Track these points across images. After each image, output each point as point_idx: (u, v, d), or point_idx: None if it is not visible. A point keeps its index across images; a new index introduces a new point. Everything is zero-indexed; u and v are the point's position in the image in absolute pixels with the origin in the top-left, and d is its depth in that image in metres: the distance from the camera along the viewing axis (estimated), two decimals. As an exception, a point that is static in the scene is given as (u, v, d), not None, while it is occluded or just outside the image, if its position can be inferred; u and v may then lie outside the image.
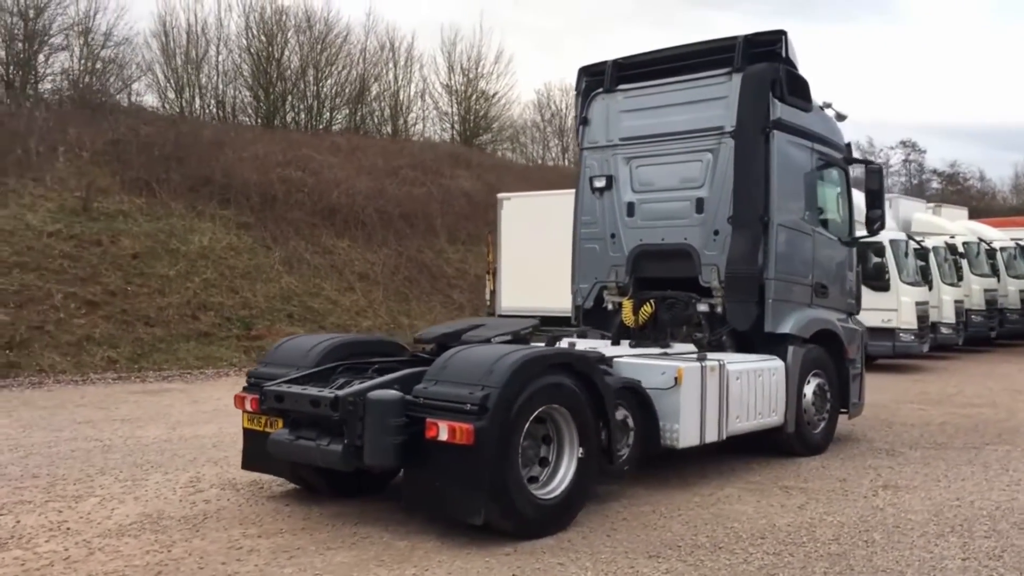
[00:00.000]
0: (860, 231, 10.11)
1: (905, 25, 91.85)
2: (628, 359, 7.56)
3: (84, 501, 6.88)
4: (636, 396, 7.07)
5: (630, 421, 6.97)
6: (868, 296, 16.93)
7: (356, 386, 6.05)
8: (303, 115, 33.42)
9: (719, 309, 8.76)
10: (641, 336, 9.04)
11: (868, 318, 16.98)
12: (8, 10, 26.36)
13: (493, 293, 20.31)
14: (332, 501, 6.82)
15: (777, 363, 8.41)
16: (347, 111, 34.77)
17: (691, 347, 8.53)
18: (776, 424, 8.39)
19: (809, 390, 8.89)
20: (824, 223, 9.51)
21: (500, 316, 19.81)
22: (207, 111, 31.33)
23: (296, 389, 6.20)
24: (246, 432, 7.00)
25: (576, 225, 9.82)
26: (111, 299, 17.54)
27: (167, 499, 6.96)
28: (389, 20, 47.11)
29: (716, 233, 8.74)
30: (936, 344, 19.41)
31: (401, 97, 36.38)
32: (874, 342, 17.15)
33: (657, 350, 8.36)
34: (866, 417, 11.30)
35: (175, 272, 19.10)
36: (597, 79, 9.73)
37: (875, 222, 9.59)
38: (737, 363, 7.97)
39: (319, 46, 33.14)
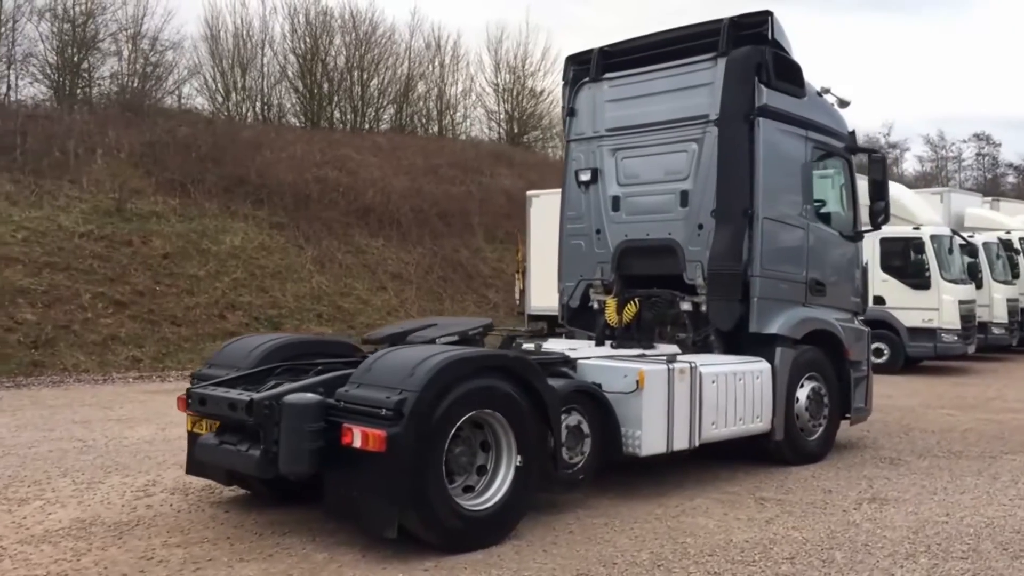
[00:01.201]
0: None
1: (978, 15, 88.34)
2: (592, 361, 7.14)
3: (27, 505, 6.75)
4: (593, 400, 6.65)
5: (585, 427, 6.55)
6: (908, 295, 16.31)
7: (275, 389, 5.78)
8: (349, 115, 33.59)
9: (703, 308, 8.26)
10: (625, 336, 8.60)
11: (908, 317, 16.35)
12: (60, 17, 27.05)
13: (523, 292, 20.01)
14: (276, 507, 6.56)
15: (762, 365, 7.86)
16: (393, 110, 34.86)
17: (675, 348, 8.07)
18: (762, 431, 7.85)
19: (803, 394, 8.32)
20: (824, 217, 8.93)
21: (530, 315, 19.51)
22: (255, 114, 31.69)
23: (219, 392, 5.96)
24: (189, 435, 6.78)
25: (562, 220, 9.42)
26: (139, 299, 17.71)
27: (110, 504, 6.78)
28: (434, 19, 47.24)
29: (700, 227, 8.24)
30: (986, 345, 18.45)
31: (447, 96, 36.35)
32: (915, 343, 16.40)
33: (638, 351, 7.92)
34: (885, 423, 10.69)
35: (205, 272, 19.23)
36: (584, 68, 9.30)
37: (879, 215, 8.96)
38: (713, 365, 7.47)
39: (364, 46, 33.28)
